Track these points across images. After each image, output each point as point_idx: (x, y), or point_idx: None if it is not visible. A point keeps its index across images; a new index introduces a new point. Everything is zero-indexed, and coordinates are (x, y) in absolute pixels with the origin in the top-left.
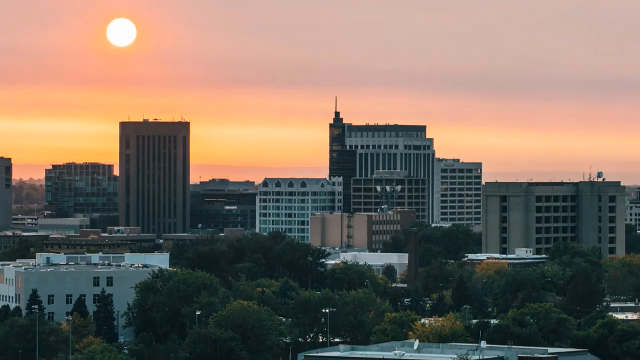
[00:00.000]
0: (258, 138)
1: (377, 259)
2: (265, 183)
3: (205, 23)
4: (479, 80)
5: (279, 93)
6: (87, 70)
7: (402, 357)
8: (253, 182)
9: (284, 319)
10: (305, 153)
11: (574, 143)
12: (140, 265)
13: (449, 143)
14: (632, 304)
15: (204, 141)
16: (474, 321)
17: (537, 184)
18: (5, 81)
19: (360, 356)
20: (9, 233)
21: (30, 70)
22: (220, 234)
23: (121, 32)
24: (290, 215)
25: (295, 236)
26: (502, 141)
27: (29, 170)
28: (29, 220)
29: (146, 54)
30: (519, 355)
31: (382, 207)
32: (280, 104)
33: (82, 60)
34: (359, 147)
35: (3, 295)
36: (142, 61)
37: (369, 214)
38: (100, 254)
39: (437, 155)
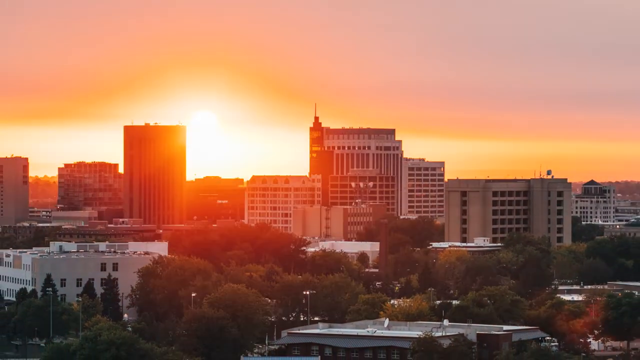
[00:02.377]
0: (247, 140)
1: (352, 247)
2: (253, 180)
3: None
4: (441, 90)
5: (267, 100)
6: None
7: (374, 334)
8: (242, 179)
9: (269, 300)
10: (288, 153)
11: (525, 145)
12: (142, 253)
13: (416, 145)
14: (578, 287)
15: (199, 143)
16: (438, 302)
17: (493, 180)
18: (24, 93)
19: (337, 333)
20: (26, 224)
21: (47, 84)
22: (213, 225)
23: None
24: (275, 208)
25: (279, 227)
26: (463, 144)
27: (44, 169)
28: (43, 212)
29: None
30: (477, 332)
31: (357, 201)
32: (267, 110)
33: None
34: (336, 148)
35: (21, 279)
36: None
37: (345, 207)
38: (107, 242)
39: (404, 156)
